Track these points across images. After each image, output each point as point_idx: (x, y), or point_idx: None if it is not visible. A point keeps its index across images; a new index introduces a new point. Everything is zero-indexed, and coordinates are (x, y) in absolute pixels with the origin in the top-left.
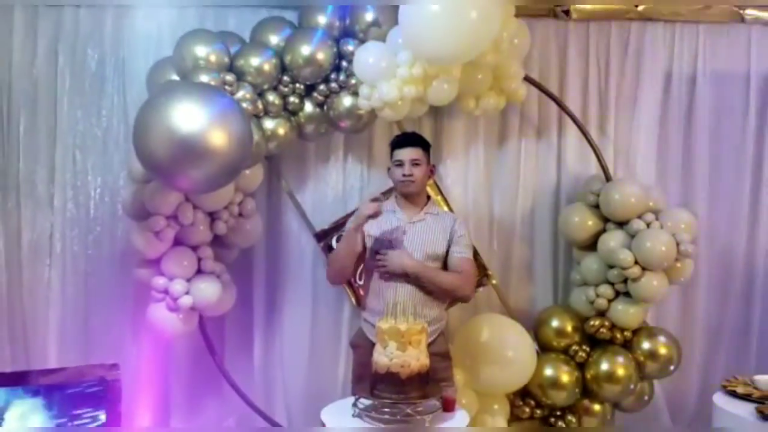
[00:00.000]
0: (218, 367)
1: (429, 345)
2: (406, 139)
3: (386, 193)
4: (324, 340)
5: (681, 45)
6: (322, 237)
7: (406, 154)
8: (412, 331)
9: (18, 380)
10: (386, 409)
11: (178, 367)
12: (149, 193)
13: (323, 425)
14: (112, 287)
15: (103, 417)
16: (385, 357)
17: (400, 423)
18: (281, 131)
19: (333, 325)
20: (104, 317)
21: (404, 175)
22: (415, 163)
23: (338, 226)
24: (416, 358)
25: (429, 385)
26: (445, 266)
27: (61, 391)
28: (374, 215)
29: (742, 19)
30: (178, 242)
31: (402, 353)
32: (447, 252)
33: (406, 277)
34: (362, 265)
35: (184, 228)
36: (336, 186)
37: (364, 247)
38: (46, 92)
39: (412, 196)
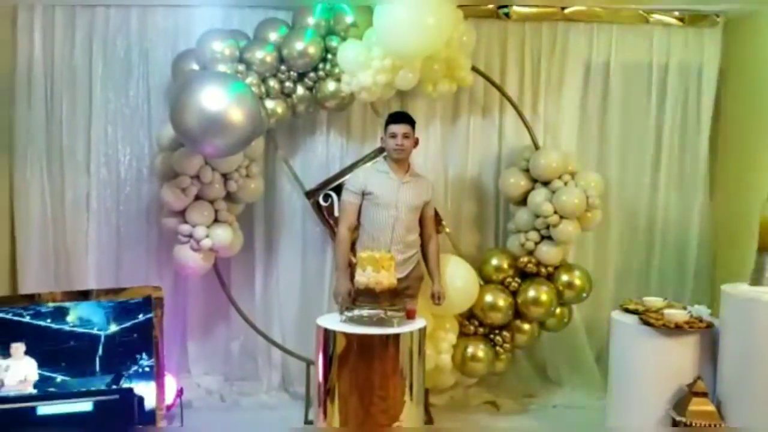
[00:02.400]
0: (227, 296)
1: (412, 270)
2: (399, 117)
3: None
4: (312, 275)
5: (598, 41)
6: (311, 195)
7: (399, 128)
8: (384, 258)
9: (82, 295)
10: (365, 315)
11: (192, 299)
12: (177, 158)
13: (318, 329)
14: (138, 236)
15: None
16: (364, 277)
17: (375, 324)
18: (279, 110)
19: (319, 264)
20: (132, 260)
21: (397, 145)
22: (405, 136)
23: (323, 186)
24: (387, 278)
25: (397, 297)
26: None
27: (118, 303)
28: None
29: (647, 21)
30: (198, 197)
31: (377, 274)
32: (423, 205)
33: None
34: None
35: (204, 185)
36: (321, 154)
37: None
38: (83, 78)
39: (401, 161)
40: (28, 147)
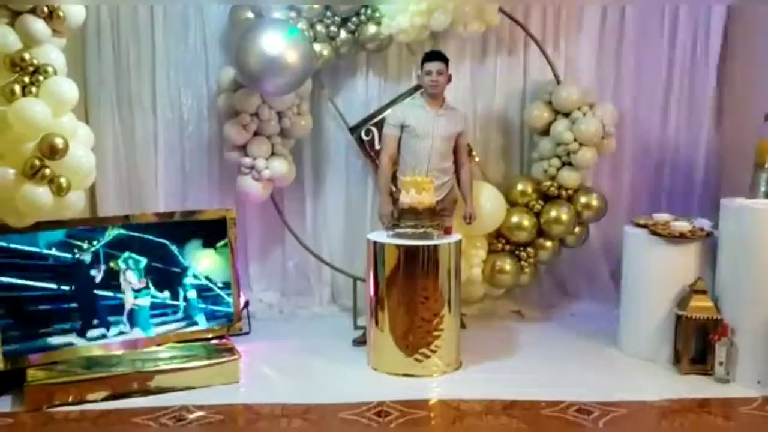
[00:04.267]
0: (283, 222)
1: (447, 194)
2: (433, 55)
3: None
4: (355, 202)
5: None
6: (354, 130)
7: (434, 66)
8: (425, 182)
9: (170, 215)
10: (409, 230)
11: (251, 225)
12: (238, 98)
13: (368, 243)
14: (201, 171)
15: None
16: (408, 198)
17: (418, 238)
18: (325, 52)
19: (361, 192)
20: (196, 192)
21: (432, 81)
22: (439, 73)
23: (365, 122)
24: (427, 198)
25: (436, 216)
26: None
27: (199, 222)
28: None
29: None
30: (257, 133)
31: (418, 195)
32: (456, 136)
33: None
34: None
35: (262, 122)
36: (361, 93)
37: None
38: (147, 30)
39: (436, 96)
40: (101, 93)
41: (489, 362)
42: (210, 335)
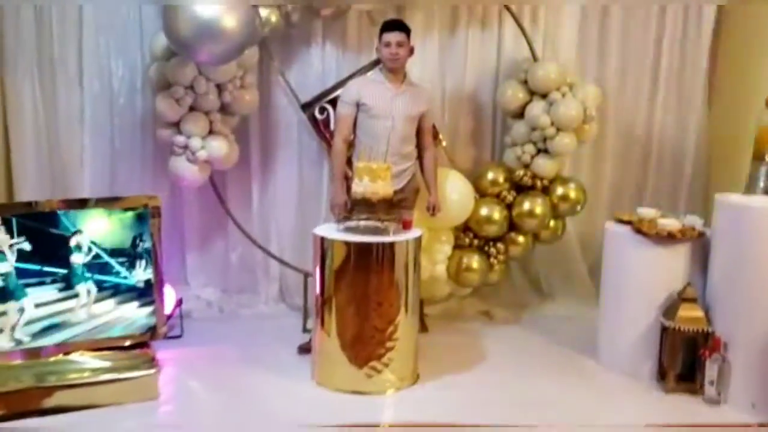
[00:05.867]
0: (225, 209)
1: (408, 182)
2: (393, 25)
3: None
4: (308, 188)
5: None
6: (306, 107)
7: (393, 37)
8: (381, 169)
9: (82, 203)
10: (361, 224)
11: (189, 211)
12: (171, 68)
13: (315, 238)
14: (133, 148)
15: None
16: (360, 187)
17: (372, 233)
18: (273, 18)
19: (315, 177)
20: (128, 172)
21: (391, 54)
22: (399, 44)
23: (319, 99)
24: (383, 188)
25: (393, 208)
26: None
27: (116, 210)
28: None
29: None
30: (192, 108)
31: (373, 184)
32: (420, 116)
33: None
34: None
35: (198, 96)
36: (317, 66)
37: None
38: None
39: (396, 70)
40: (18, 58)
41: (451, 375)
42: (128, 342)
